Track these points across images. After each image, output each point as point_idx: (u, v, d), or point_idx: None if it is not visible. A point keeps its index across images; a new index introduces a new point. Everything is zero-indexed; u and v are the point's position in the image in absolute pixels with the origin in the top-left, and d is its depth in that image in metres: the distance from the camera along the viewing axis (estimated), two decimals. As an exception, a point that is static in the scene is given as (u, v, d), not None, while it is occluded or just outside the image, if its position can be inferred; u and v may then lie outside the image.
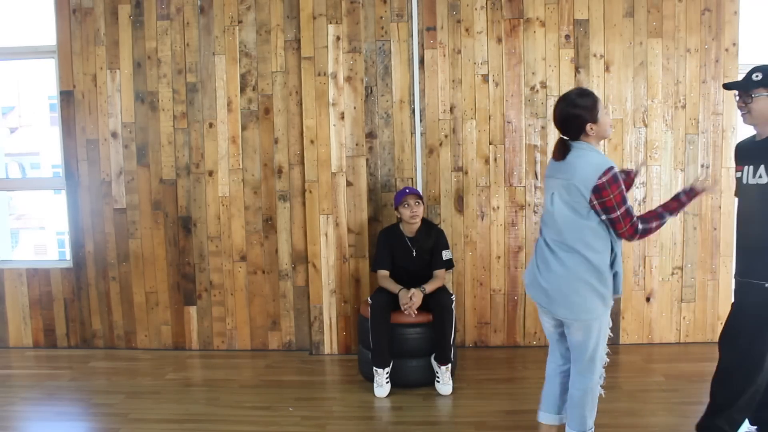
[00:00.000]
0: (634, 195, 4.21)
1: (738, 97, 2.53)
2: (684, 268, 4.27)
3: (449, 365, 3.59)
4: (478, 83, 4.20)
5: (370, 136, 4.22)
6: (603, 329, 2.56)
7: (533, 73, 4.18)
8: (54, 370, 4.17)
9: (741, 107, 2.52)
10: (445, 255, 3.78)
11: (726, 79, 4.07)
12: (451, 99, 4.21)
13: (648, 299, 4.30)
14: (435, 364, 3.64)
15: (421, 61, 4.19)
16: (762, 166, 2.46)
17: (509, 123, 4.21)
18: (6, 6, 4.87)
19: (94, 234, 4.47)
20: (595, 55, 4.16)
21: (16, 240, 19.48)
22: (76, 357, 4.40)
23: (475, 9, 4.16)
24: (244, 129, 4.33)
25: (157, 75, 4.33)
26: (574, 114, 2.49)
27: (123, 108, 4.38)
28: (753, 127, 2.56)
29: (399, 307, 3.61)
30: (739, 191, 2.64)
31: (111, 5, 4.31)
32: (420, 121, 4.21)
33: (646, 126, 4.20)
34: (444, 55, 4.19)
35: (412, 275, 3.73)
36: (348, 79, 4.16)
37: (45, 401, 3.65)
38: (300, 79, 4.21)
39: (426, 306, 3.61)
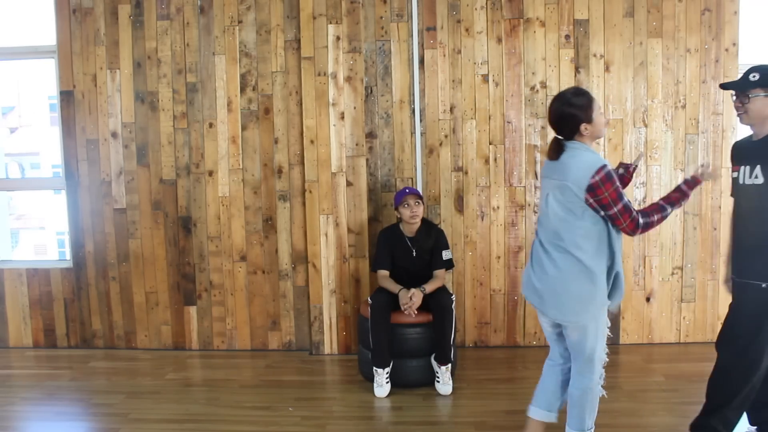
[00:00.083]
0: (634, 195, 4.21)
1: (735, 97, 2.53)
2: (684, 268, 4.27)
3: (449, 365, 3.60)
4: (478, 83, 4.20)
5: (370, 136, 4.22)
6: (600, 329, 2.56)
7: (533, 73, 4.18)
8: (54, 370, 4.18)
9: (738, 107, 2.52)
10: (445, 255, 3.78)
11: (726, 79, 4.06)
12: (451, 99, 4.21)
13: (648, 299, 4.30)
14: (435, 364, 3.64)
15: (421, 61, 4.19)
16: (758, 166, 2.46)
17: (509, 123, 4.21)
18: (6, 6, 4.87)
19: (94, 234, 4.47)
20: (595, 55, 4.16)
21: (16, 240, 19.48)
22: (76, 357, 4.40)
23: (475, 9, 4.16)
24: (244, 129, 4.33)
25: (157, 75, 4.33)
26: (568, 113, 2.48)
27: (123, 108, 4.38)
28: (750, 127, 2.56)
29: (399, 307, 3.61)
30: (736, 191, 2.64)
31: (111, 5, 4.31)
32: (420, 121, 4.21)
33: (646, 126, 4.20)
34: (444, 55, 4.19)
35: (412, 275, 3.73)
36: (348, 79, 4.16)
37: (45, 401, 3.65)
38: (300, 79, 4.21)
39: (426, 306, 3.61)
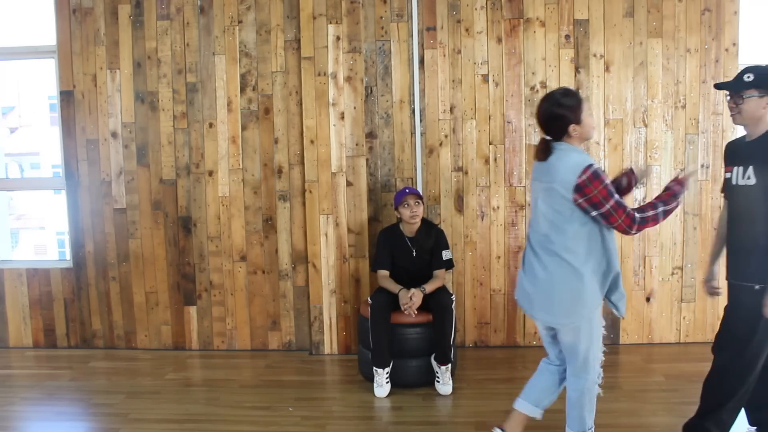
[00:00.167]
0: (634, 195, 4.21)
1: (729, 98, 2.52)
2: (684, 268, 4.27)
3: (449, 365, 3.59)
4: (478, 83, 4.20)
5: (370, 136, 4.22)
6: (594, 330, 2.54)
7: (533, 73, 4.18)
8: (54, 370, 4.18)
9: (732, 108, 2.51)
10: (445, 255, 3.77)
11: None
12: (451, 99, 4.21)
13: (648, 299, 4.30)
14: (435, 364, 3.64)
15: (421, 61, 4.19)
16: (751, 167, 2.46)
17: (509, 123, 4.21)
18: (6, 6, 4.87)
19: (94, 234, 4.47)
20: (595, 55, 4.16)
21: (16, 240, 19.48)
22: (76, 357, 4.40)
23: (475, 9, 4.16)
24: (244, 129, 4.33)
25: (157, 75, 4.33)
26: (557, 114, 2.47)
27: (123, 108, 4.38)
28: (743, 128, 2.56)
29: (399, 307, 3.61)
30: (728, 192, 2.63)
31: (111, 5, 4.31)
32: (420, 121, 4.21)
33: (646, 126, 4.20)
34: (444, 55, 4.19)
35: (412, 275, 3.73)
36: (348, 79, 4.16)
37: (45, 401, 3.65)
38: (300, 79, 4.21)
39: (426, 306, 3.61)
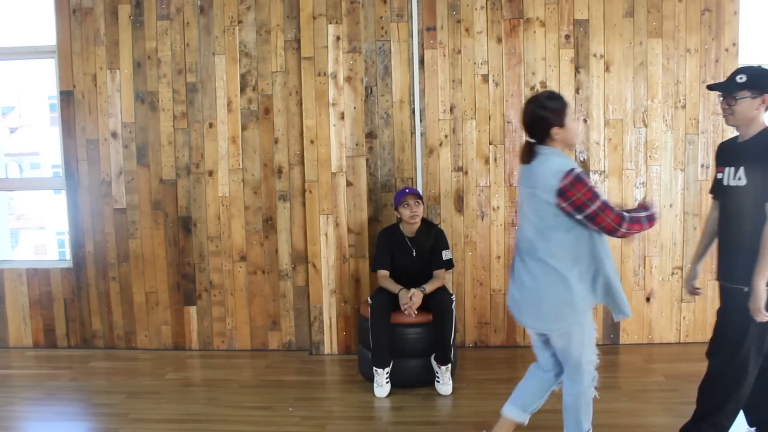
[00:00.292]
0: (634, 195, 4.21)
1: (722, 99, 2.52)
2: (684, 268, 4.26)
3: (449, 365, 3.59)
4: (478, 83, 4.20)
5: (370, 136, 4.22)
6: (586, 334, 2.53)
7: (533, 73, 4.18)
8: (54, 370, 4.18)
9: (725, 109, 2.51)
10: (445, 255, 3.77)
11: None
12: (451, 99, 4.21)
13: (648, 299, 4.30)
14: (435, 364, 3.64)
15: (421, 61, 4.19)
16: (742, 168, 2.45)
17: (509, 123, 4.21)
18: (6, 6, 4.87)
19: (94, 234, 4.47)
20: (595, 55, 4.16)
21: (16, 240, 19.49)
22: (76, 357, 4.40)
23: (475, 9, 4.16)
24: (244, 129, 4.33)
25: (157, 75, 4.33)
26: (541, 116, 2.47)
27: (123, 108, 4.38)
28: (735, 129, 2.56)
29: (399, 307, 3.61)
30: (719, 192, 2.63)
31: (111, 5, 4.31)
32: (420, 121, 4.21)
33: (646, 126, 4.20)
34: (444, 55, 4.19)
35: (412, 275, 3.73)
36: (348, 79, 4.16)
37: (45, 401, 3.65)
38: (300, 79, 4.21)
39: (426, 306, 3.61)
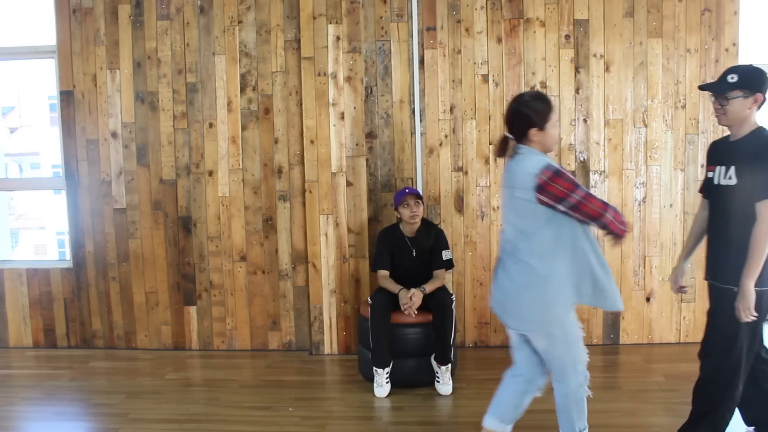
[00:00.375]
0: (634, 195, 4.21)
1: (714, 99, 2.51)
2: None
3: (449, 365, 3.59)
4: (478, 83, 4.20)
5: (370, 136, 4.22)
6: (570, 333, 2.48)
7: (533, 73, 4.18)
8: (54, 370, 4.18)
9: (717, 109, 2.50)
10: (445, 255, 3.77)
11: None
12: (451, 99, 4.21)
13: (648, 299, 4.30)
14: (435, 364, 3.63)
15: (421, 61, 4.19)
16: (733, 167, 2.44)
17: (509, 123, 4.21)
18: (6, 6, 4.87)
19: (94, 234, 4.47)
20: (595, 55, 4.16)
21: (16, 240, 19.48)
22: (76, 357, 4.40)
23: (475, 9, 4.16)
24: (244, 129, 4.33)
25: (157, 75, 4.33)
26: (523, 113, 2.44)
27: (123, 108, 4.38)
28: (727, 128, 2.55)
29: (399, 307, 3.61)
30: (710, 191, 2.62)
31: (111, 5, 4.31)
32: (420, 121, 4.21)
33: (646, 126, 4.20)
34: (444, 55, 4.19)
35: (412, 275, 3.73)
36: (348, 79, 4.16)
37: (45, 401, 3.65)
38: (300, 79, 4.21)
39: (426, 306, 3.61)
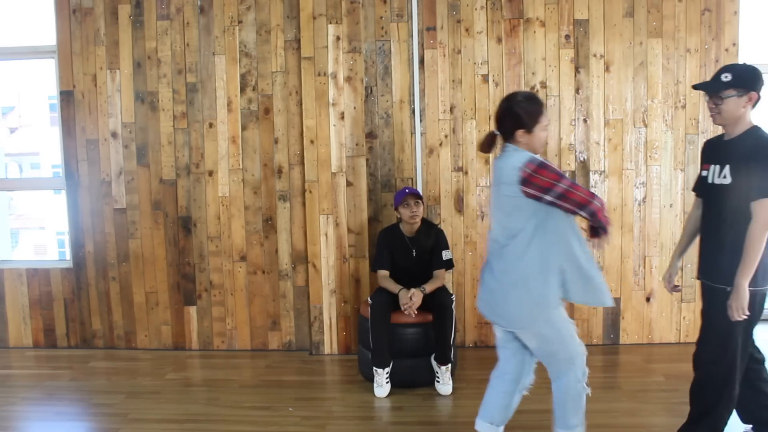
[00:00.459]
0: (634, 195, 4.21)
1: (708, 98, 2.51)
2: (684, 268, 4.26)
3: (449, 365, 3.59)
4: (478, 83, 4.20)
5: (370, 136, 4.22)
6: (561, 330, 2.47)
7: (533, 73, 4.18)
8: (54, 370, 4.18)
9: (711, 108, 2.50)
10: (445, 255, 3.77)
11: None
12: (451, 99, 4.21)
13: (648, 299, 4.30)
14: (435, 364, 3.63)
15: (421, 61, 4.19)
16: (728, 166, 2.44)
17: (509, 123, 4.21)
18: (6, 6, 4.87)
19: (94, 234, 4.47)
20: (595, 55, 4.16)
21: (16, 240, 19.48)
22: (76, 357, 4.40)
23: (475, 9, 4.16)
24: (244, 129, 4.33)
25: (157, 75, 4.33)
26: (513, 112, 2.43)
27: (123, 108, 4.38)
28: (722, 127, 2.55)
29: (399, 307, 3.61)
30: (704, 190, 2.61)
31: (111, 5, 4.31)
32: (420, 121, 4.21)
33: (646, 126, 4.20)
34: (444, 55, 4.19)
35: (412, 275, 3.73)
36: (348, 79, 4.16)
37: (45, 401, 3.65)
38: (300, 79, 4.21)
39: (426, 306, 3.61)
